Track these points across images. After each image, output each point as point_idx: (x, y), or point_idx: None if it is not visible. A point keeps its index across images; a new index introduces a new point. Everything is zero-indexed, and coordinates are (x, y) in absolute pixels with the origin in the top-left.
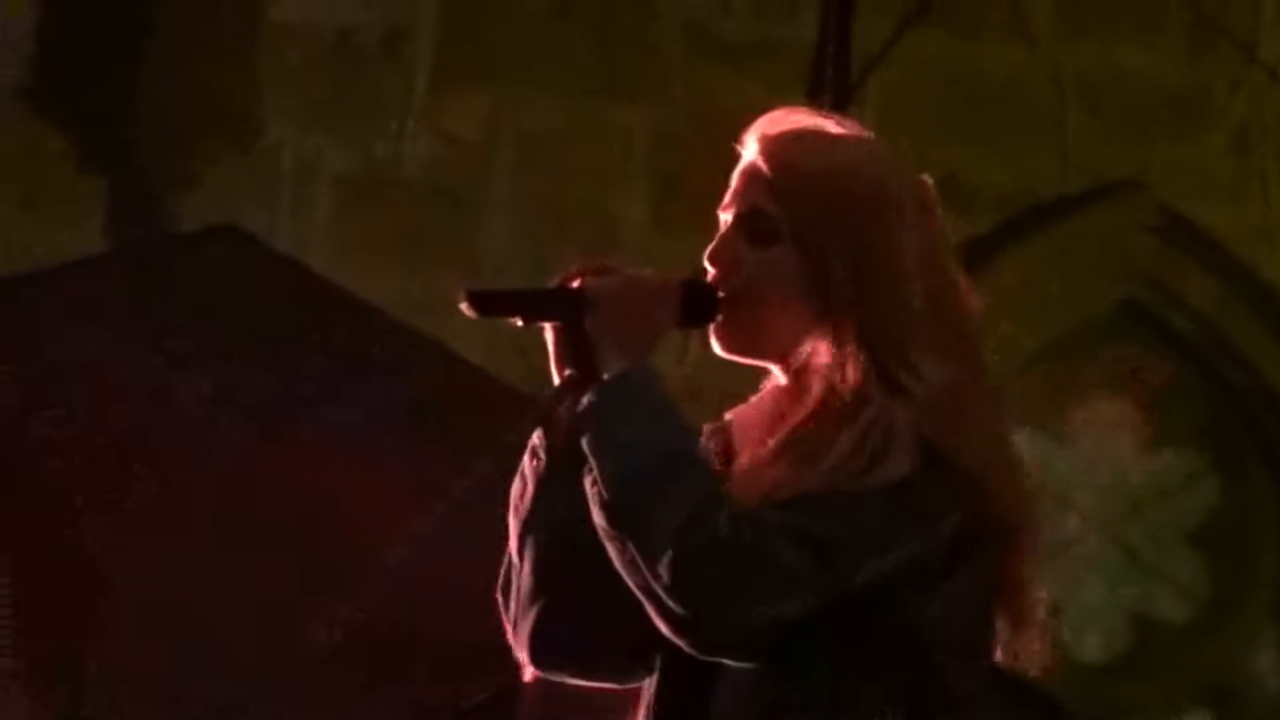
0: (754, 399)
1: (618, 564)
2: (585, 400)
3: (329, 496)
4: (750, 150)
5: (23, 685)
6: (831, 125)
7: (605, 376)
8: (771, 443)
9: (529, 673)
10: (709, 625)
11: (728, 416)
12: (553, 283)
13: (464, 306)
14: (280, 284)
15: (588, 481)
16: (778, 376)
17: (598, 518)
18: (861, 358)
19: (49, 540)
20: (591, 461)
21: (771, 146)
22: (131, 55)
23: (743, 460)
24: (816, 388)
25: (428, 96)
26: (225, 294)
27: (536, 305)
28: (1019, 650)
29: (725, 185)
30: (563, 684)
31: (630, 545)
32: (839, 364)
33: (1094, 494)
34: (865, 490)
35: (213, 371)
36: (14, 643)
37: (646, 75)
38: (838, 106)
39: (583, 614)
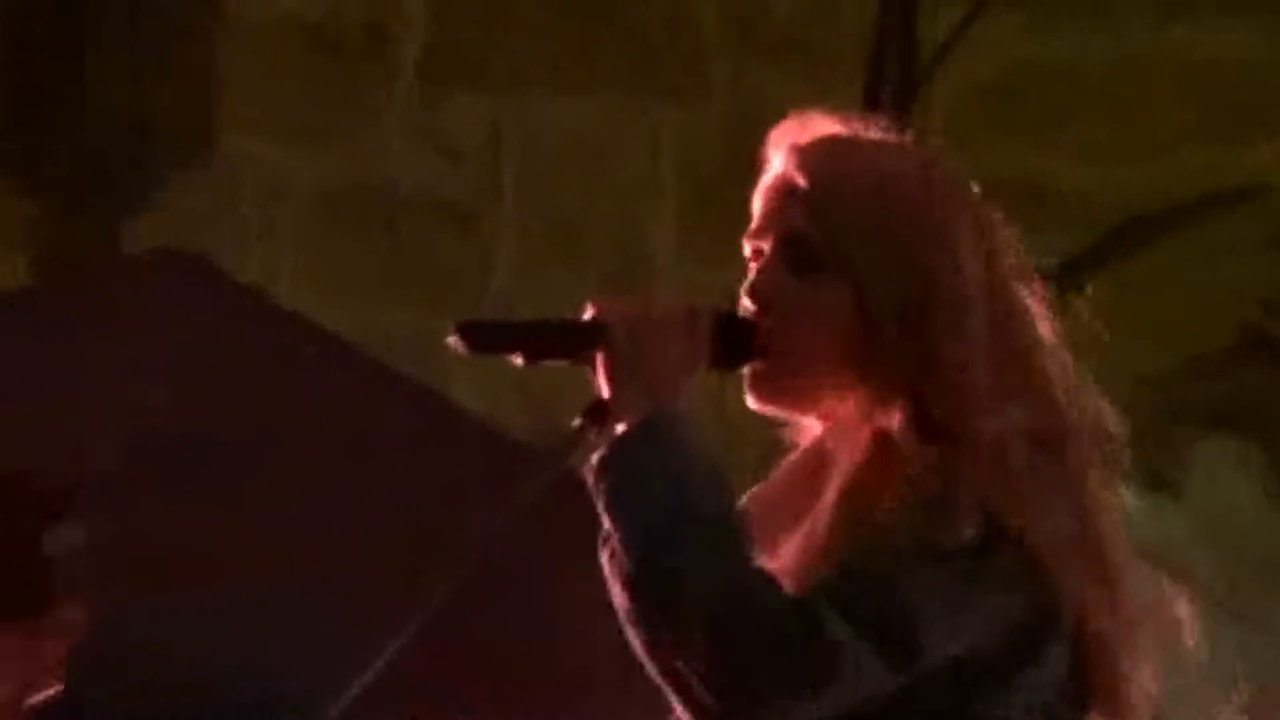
0: (773, 477)
1: (639, 650)
2: (599, 454)
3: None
4: (780, 164)
5: None
6: (865, 130)
7: (622, 426)
8: (820, 526)
9: None
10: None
11: (742, 501)
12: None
13: (453, 341)
14: (238, 318)
15: (604, 554)
16: (809, 430)
17: (617, 597)
18: (913, 409)
19: None
20: (610, 529)
21: (806, 158)
22: (67, 60)
23: (779, 548)
24: (862, 453)
25: (419, 100)
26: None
27: (541, 340)
28: None
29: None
30: None
31: (657, 629)
32: (887, 419)
33: (1210, 555)
34: (923, 562)
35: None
36: None
37: (675, 71)
38: (899, 105)
39: None
